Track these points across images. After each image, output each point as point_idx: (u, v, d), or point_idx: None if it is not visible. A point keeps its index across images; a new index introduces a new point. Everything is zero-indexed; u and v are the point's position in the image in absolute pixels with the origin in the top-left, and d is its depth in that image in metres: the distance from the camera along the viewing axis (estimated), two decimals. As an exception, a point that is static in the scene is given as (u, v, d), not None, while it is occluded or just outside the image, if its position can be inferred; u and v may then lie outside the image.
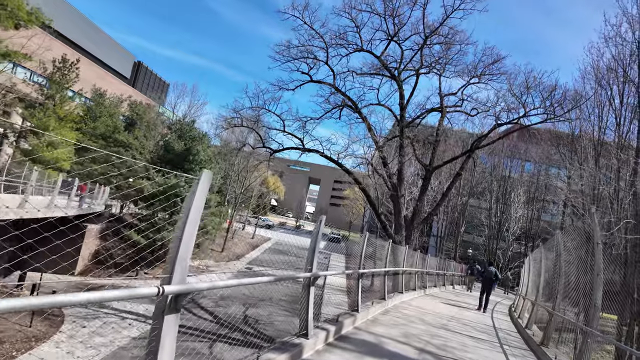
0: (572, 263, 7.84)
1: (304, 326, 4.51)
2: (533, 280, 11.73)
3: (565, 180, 31.38)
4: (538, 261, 11.06)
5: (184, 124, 30.73)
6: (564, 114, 17.48)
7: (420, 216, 19.47)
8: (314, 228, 4.77)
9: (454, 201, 44.66)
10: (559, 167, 33.28)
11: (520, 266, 41.86)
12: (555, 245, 8.88)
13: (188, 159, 29.66)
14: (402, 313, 8.70)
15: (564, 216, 37.53)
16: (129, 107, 43.79)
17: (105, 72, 53.88)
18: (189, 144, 29.55)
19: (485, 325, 9.70)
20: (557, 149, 31.30)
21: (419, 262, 14.41)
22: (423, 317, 8.71)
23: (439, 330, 7.45)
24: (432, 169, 19.87)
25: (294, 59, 19.63)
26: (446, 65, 20.76)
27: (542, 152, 37.60)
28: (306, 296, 4.49)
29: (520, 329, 9.86)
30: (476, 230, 47.89)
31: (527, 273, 13.74)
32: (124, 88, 51.20)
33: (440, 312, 10.32)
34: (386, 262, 9.05)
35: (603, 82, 21.42)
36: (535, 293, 9.90)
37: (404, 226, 18.96)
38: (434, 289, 17.42)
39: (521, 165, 47.08)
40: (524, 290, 13.54)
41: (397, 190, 18.57)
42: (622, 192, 17.77)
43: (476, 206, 48.26)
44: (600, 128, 24.74)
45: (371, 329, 6.37)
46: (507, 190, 46.30)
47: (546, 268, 9.68)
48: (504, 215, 45.37)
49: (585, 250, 6.72)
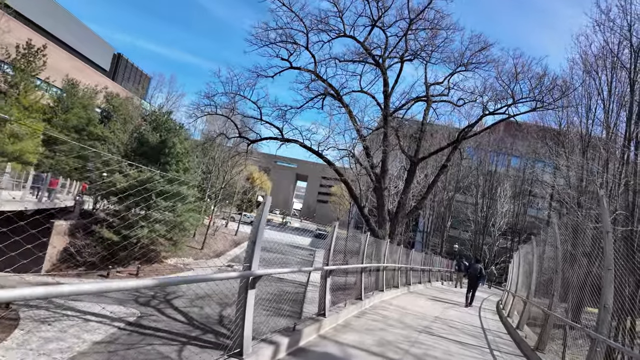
0: (565, 259, 6.95)
1: (238, 342, 3.48)
2: (524, 277, 10.89)
3: (552, 174, 31.01)
4: (529, 256, 10.21)
5: (159, 115, 29.13)
6: (552, 102, 16.74)
7: (405, 210, 18.56)
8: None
9: (440, 196, 44.12)
10: (545, 162, 32.89)
11: (507, 261, 41.61)
12: (550, 238, 8.00)
13: (164, 151, 28.12)
14: (381, 315, 7.69)
15: (550, 210, 37.27)
16: (106, 99, 41.95)
17: (84, 64, 51.81)
18: (165, 135, 28.03)
19: (472, 327, 8.78)
20: (543, 141, 30.88)
21: (402, 257, 13.47)
22: (404, 319, 7.72)
23: (420, 335, 6.45)
24: (418, 160, 18.97)
25: (272, 43, 18.42)
26: (432, 52, 19.87)
27: (528, 146, 37.24)
28: (243, 302, 3.40)
29: (510, 330, 8.97)
30: (462, 225, 47.52)
31: (516, 269, 12.94)
32: (102, 80, 49.20)
33: (423, 312, 9.36)
34: (362, 258, 8.02)
35: (592, 71, 20.83)
36: (527, 290, 9.02)
37: (388, 220, 18.02)
38: (419, 286, 16.55)
39: (507, 160, 46.83)
40: (512, 287, 12.73)
41: (380, 182, 17.61)
42: (611, 183, 17.19)
43: (462, 201, 47.87)
44: (588, 119, 24.26)
45: (340, 337, 5.32)
46: (493, 185, 46.00)
47: (539, 263, 8.81)
48: (490, 210, 45.07)
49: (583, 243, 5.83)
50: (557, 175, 29.29)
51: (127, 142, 30.08)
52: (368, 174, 19.35)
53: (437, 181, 19.58)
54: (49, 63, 29.65)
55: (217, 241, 39.13)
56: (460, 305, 13.45)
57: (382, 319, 7.30)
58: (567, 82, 18.93)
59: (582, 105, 24.68)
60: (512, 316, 10.95)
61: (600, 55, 20.24)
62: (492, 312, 13.10)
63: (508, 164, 46.96)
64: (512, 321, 9.94)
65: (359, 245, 8.18)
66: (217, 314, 19.31)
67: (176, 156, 29.32)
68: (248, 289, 3.49)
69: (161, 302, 21.04)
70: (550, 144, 28.50)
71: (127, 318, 17.38)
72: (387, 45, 19.86)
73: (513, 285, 12.71)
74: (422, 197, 18.83)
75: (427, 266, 20.30)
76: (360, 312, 7.46)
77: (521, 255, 11.83)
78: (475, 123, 18.47)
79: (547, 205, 42.37)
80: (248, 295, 3.50)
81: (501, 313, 12.28)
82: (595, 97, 23.88)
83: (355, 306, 7.28)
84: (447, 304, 12.69)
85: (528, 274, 10.00)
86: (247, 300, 3.49)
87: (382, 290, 10.18)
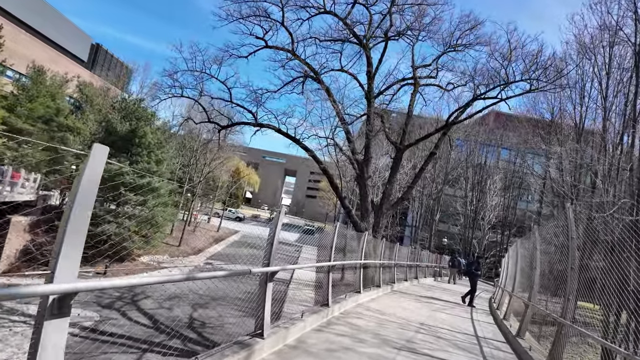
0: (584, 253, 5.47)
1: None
2: (522, 275, 9.45)
3: (544, 164, 29.90)
4: (530, 250, 8.79)
5: (129, 102, 27.07)
6: (548, 82, 15.33)
7: (390, 201, 17.06)
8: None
9: (429, 189, 42.88)
10: (537, 152, 31.74)
11: (497, 255, 40.64)
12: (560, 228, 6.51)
13: (134, 142, 26.15)
14: (351, 325, 6.12)
15: (542, 203, 36.30)
16: (78, 89, 39.61)
17: (58, 54, 49.20)
18: (135, 124, 26.04)
19: (464, 335, 7.28)
20: (536, 131, 29.71)
21: (385, 252, 11.94)
22: (381, 330, 6.17)
23: (398, 356, 4.89)
24: (404, 147, 17.44)
25: (244, 17, 16.62)
26: (420, 32, 18.33)
27: (519, 136, 36.10)
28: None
29: (510, 337, 7.51)
30: (451, 219, 46.43)
31: (512, 265, 11.55)
32: (79, 71, 46.71)
33: (407, 318, 7.84)
34: (331, 254, 6.44)
35: (587, 51, 19.53)
36: (529, 291, 7.56)
37: (371, 212, 16.50)
38: (405, 284, 15.08)
39: (497, 151, 45.78)
40: (509, 285, 11.34)
41: (363, 171, 16.05)
42: (607, 168, 15.94)
43: (451, 194, 46.75)
44: (582, 105, 23.06)
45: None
46: (483, 178, 44.94)
47: (544, 259, 7.34)
48: (479, 203, 44.03)
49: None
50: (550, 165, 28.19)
51: (94, 132, 27.97)
52: (350, 162, 17.78)
53: (425, 169, 18.12)
54: (18, 52, 27.34)
55: (196, 238, 37.27)
56: (451, 304, 12.03)
57: (352, 331, 5.73)
58: (563, 61, 17.59)
59: (576, 91, 23.51)
60: (509, 318, 9.54)
61: (596, 34, 18.97)
62: (485, 313, 11.68)
63: (498, 154, 45.93)
64: (510, 325, 8.51)
65: (335, 241, 6.62)
66: (187, 316, 17.62)
67: (148, 147, 27.35)
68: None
69: (126, 304, 19.23)
70: (542, 134, 27.33)
71: (83, 323, 15.60)
72: (370, 22, 18.23)
73: (509, 282, 11.30)
74: (408, 186, 17.35)
75: (414, 261, 18.88)
76: (325, 322, 5.88)
77: (519, 249, 10.40)
78: (466, 106, 17.02)
79: (538, 198, 41.49)
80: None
81: (495, 314, 10.87)
82: (589, 81, 22.71)
83: (318, 315, 5.69)
84: (436, 304, 11.22)
85: (528, 271, 8.57)
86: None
87: (358, 291, 8.62)
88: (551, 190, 25.54)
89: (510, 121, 39.92)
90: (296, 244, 42.65)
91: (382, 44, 18.18)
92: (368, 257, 11.04)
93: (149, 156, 26.82)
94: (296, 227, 53.01)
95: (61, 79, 36.80)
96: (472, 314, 10.76)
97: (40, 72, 34.48)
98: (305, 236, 41.09)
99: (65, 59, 49.70)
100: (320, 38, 18.44)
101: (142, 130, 25.96)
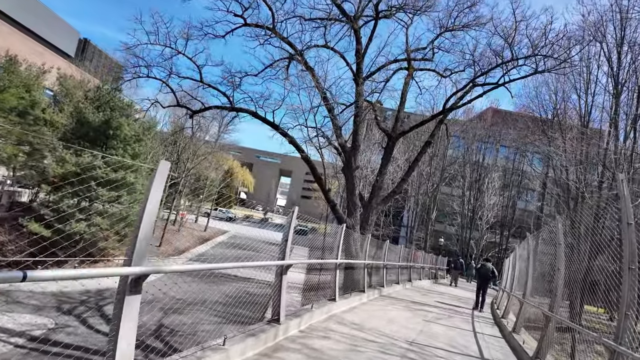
0: None
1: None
2: (537, 279, 7.69)
3: (545, 159, 28.29)
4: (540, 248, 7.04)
5: (103, 91, 25.16)
6: (559, 59, 13.61)
7: (380, 195, 15.29)
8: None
9: (425, 187, 41.16)
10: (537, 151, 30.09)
11: (495, 256, 38.96)
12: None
13: (108, 134, 24.21)
14: (310, 349, 4.32)
15: (543, 199, 34.67)
16: (58, 82, 37.71)
17: (43, 48, 47.41)
18: (109, 115, 24.12)
19: (468, 358, 5.50)
20: (536, 123, 28.11)
21: (370, 251, 10.16)
22: (352, 356, 4.39)
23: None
24: (396, 135, 15.66)
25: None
26: (415, 11, 16.60)
27: (519, 132, 34.44)
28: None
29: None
30: (448, 218, 44.71)
31: (523, 267, 9.82)
32: (62, 63, 44.84)
33: (392, 334, 6.05)
34: (285, 251, 4.65)
35: (597, 32, 17.86)
36: (551, 299, 5.79)
37: (359, 207, 14.71)
38: (396, 287, 13.30)
39: (495, 149, 44.14)
40: (517, 290, 9.59)
41: (350, 161, 14.28)
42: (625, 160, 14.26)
43: (448, 193, 45.08)
44: (588, 93, 21.49)
45: None
46: (481, 176, 43.29)
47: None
48: (477, 203, 42.36)
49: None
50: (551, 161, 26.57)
51: (65, 123, 26.00)
52: (337, 152, 15.98)
53: (420, 160, 16.38)
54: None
55: (180, 237, 35.34)
56: (449, 310, 10.26)
57: (311, 358, 3.93)
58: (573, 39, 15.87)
59: (582, 78, 21.92)
60: (519, 330, 7.79)
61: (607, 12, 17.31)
62: (488, 323, 9.90)
63: (496, 151, 44.29)
64: (523, 341, 6.75)
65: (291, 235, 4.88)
66: (155, 323, 15.71)
67: (124, 140, 25.43)
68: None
69: (89, 309, 17.31)
70: (544, 127, 25.70)
71: (32, 331, 13.69)
72: None
73: (518, 286, 9.55)
74: (402, 178, 15.61)
75: (408, 262, 17.11)
76: (268, 349, 4.07)
77: (530, 247, 8.63)
78: (465, 87, 15.25)
79: (539, 196, 39.94)
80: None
81: (501, 324, 9.11)
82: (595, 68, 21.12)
83: (256, 340, 3.88)
84: (431, 313, 9.44)
85: (547, 275, 6.82)
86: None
87: (332, 299, 6.81)
88: (555, 185, 23.88)
89: (510, 118, 38.35)
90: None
91: (372, 22, 16.42)
92: (349, 255, 9.25)
93: (124, 149, 24.89)
94: None
95: (38, 69, 34.85)
96: (473, 323, 8.99)
97: (13, 62, 32.54)
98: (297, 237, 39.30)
99: (50, 53, 47.88)
100: (305, 17, 16.68)
101: (117, 121, 24.03)
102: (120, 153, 24.80)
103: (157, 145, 33.79)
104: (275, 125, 14.17)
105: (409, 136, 36.86)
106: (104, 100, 24.80)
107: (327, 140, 16.28)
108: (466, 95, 16.45)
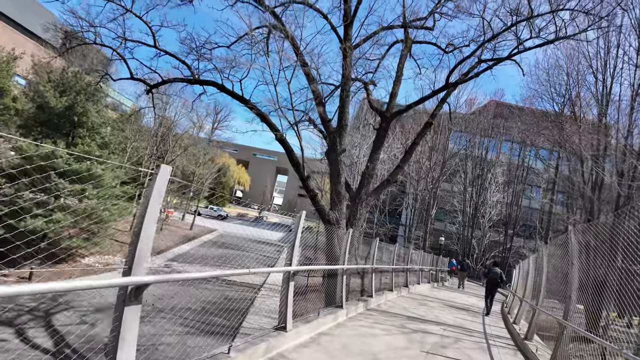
0: None
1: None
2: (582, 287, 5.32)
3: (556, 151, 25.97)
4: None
5: (68, 73, 22.66)
6: (587, 26, 11.24)
7: (371, 184, 12.90)
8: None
9: (424, 183, 38.72)
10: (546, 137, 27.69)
11: (498, 256, 36.61)
12: None
13: (72, 120, 21.77)
14: None
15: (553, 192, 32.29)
16: (34, 70, 35.26)
17: (25, 38, 44.85)
18: (74, 99, 21.67)
19: None
20: (545, 115, 25.76)
21: (354, 251, 7.74)
22: None
23: None
24: (391, 115, 13.25)
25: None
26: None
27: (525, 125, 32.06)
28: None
29: None
30: (449, 216, 42.29)
31: (544, 271, 7.43)
32: (33, 48, 42.35)
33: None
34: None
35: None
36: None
37: (346, 199, 12.32)
38: (389, 296, 10.87)
39: (500, 140, 41.69)
40: (537, 299, 7.21)
41: (335, 142, 11.88)
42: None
43: (448, 190, 42.66)
44: (606, 72, 19.21)
45: None
46: (483, 171, 40.89)
47: None
48: (480, 199, 39.98)
49: None
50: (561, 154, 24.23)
51: (24, 109, 23.52)
52: (323, 135, 13.56)
53: (418, 143, 13.99)
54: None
55: (161, 236, 32.79)
56: (455, 327, 7.86)
57: None
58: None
59: (600, 59, 19.60)
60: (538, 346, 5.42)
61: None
62: (510, 347, 7.48)
63: (500, 146, 41.88)
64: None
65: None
66: (111, 334, 13.23)
67: (92, 128, 22.97)
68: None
69: (35, 318, 14.74)
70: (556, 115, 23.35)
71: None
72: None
73: (538, 296, 7.15)
74: (397, 165, 13.16)
75: (405, 264, 14.68)
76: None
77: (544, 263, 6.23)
78: (470, 56, 12.85)
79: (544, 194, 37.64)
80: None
81: (516, 336, 6.72)
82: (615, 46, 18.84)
83: None
84: (433, 335, 7.01)
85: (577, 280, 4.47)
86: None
87: (283, 327, 4.38)
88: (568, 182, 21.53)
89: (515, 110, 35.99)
90: (279, 244, 38.40)
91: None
92: (330, 259, 6.83)
93: (91, 137, 22.43)
94: (283, 227, 49.01)
95: (7, 55, 32.33)
96: (490, 351, 6.57)
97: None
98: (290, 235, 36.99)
99: (32, 43, 45.37)
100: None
101: (82, 106, 21.58)
102: (87, 142, 22.34)
103: (137, 136, 31.38)
104: (244, 98, 11.75)
105: (407, 131, 34.44)
106: (69, 84, 22.31)
107: (312, 125, 13.83)
108: (472, 70, 14.07)
